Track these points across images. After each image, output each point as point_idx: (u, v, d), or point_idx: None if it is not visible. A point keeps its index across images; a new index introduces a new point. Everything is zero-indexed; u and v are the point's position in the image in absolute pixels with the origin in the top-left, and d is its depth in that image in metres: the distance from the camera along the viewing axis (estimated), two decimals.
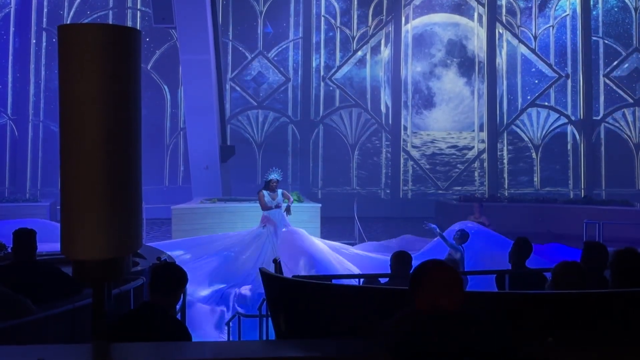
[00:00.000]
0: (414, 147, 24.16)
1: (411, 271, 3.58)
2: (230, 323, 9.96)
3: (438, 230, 11.73)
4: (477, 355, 3.14)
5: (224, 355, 4.13)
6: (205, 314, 10.99)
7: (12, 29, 23.14)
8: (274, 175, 13.53)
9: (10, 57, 23.15)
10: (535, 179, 24.09)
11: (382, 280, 7.58)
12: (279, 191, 13.46)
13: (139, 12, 23.48)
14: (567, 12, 24.27)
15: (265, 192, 13.36)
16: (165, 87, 23.34)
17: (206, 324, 10.71)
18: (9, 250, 7.27)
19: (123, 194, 3.78)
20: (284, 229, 13.27)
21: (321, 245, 12.94)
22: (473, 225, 13.51)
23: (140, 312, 4.96)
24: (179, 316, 6.83)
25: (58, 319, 5.58)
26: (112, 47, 3.66)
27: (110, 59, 3.65)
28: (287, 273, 10.58)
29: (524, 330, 4.53)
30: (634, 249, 5.70)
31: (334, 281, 7.13)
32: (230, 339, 9.20)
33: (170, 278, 4.93)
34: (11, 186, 22.69)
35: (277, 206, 13.26)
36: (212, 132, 19.07)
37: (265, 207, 13.32)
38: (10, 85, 23.14)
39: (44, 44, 23.19)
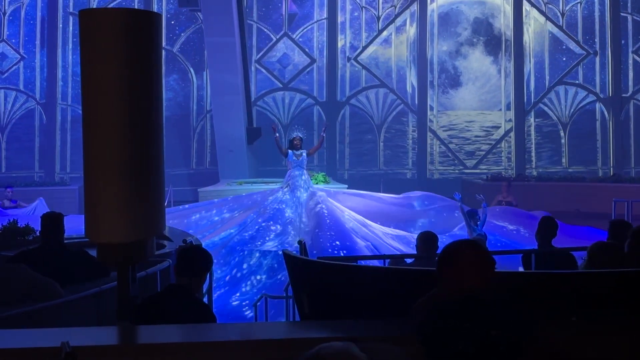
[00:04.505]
0: (440, 127, 24.02)
1: (438, 251, 3.58)
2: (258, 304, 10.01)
3: (459, 200, 11.93)
4: (496, 339, 3.13)
5: (249, 336, 4.16)
6: None
7: (39, 13, 23.29)
8: (296, 133, 13.73)
9: (38, 42, 23.32)
10: (564, 157, 23.86)
11: (408, 260, 7.57)
12: (304, 152, 13.64)
13: None
14: None
15: (289, 152, 13.58)
16: (192, 69, 23.34)
17: None
18: (37, 233, 7.34)
19: (145, 177, 3.80)
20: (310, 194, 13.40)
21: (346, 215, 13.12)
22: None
23: (166, 294, 4.99)
24: (205, 299, 6.87)
25: (85, 301, 5.64)
26: (131, 31, 3.67)
27: (130, 43, 3.66)
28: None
29: (550, 310, 4.50)
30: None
31: (359, 262, 7.13)
32: (257, 320, 9.24)
33: (196, 260, 4.96)
34: (41, 170, 22.93)
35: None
36: (238, 115, 19.12)
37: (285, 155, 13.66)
38: (38, 70, 23.32)
39: (71, 28, 23.29)
